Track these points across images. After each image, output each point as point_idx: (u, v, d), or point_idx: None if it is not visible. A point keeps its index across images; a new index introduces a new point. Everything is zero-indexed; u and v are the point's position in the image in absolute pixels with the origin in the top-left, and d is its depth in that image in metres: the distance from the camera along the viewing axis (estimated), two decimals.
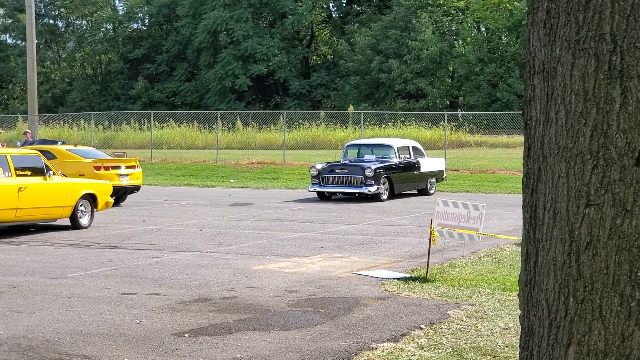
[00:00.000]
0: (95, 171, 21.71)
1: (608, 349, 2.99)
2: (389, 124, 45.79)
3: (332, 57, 74.62)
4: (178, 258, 13.29)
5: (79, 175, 20.55)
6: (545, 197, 3.20)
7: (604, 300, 3.00)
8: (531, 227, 3.28)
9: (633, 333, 2.96)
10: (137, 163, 23.86)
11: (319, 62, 75.86)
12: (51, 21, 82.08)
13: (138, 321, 8.70)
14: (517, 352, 5.82)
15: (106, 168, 22.18)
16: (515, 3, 59.24)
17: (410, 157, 25.89)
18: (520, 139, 39.48)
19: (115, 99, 75.49)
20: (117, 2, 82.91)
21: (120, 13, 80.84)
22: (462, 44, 59.00)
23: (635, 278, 2.96)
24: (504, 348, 7.61)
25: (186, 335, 8.13)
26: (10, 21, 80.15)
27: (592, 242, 3.03)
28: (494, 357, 7.35)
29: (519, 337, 3.94)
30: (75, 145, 25.34)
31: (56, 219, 17.10)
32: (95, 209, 17.67)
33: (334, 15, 78.41)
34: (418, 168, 25.84)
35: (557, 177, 3.13)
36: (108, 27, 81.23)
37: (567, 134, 3.10)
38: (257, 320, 8.80)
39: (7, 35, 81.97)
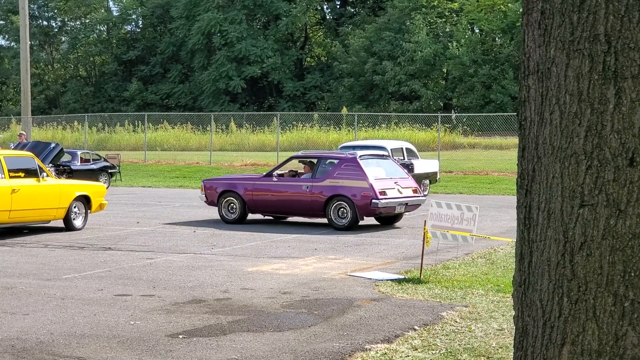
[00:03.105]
0: None
1: (602, 348, 3.00)
2: (383, 125, 45.84)
3: (326, 58, 74.67)
4: (172, 259, 13.28)
5: None
6: (540, 197, 3.20)
7: (598, 301, 3.00)
8: (525, 228, 3.29)
9: (627, 333, 2.97)
10: None
11: (312, 63, 75.89)
12: (45, 23, 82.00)
13: (132, 322, 8.69)
14: (511, 353, 5.82)
15: None
16: (509, 4, 59.35)
17: (404, 159, 25.90)
18: (513, 140, 39.55)
19: (109, 100, 75.42)
20: (110, 3, 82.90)
21: (114, 14, 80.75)
22: (456, 45, 59.08)
23: (629, 278, 2.97)
24: (497, 349, 7.62)
25: (180, 336, 8.12)
26: (3, 23, 79.98)
27: (586, 243, 3.03)
28: (488, 358, 7.36)
29: (512, 338, 3.95)
30: None
31: (50, 221, 17.07)
32: (89, 211, 17.64)
33: (327, 17, 78.48)
34: (412, 170, 25.82)
35: (552, 177, 3.14)
36: (102, 28, 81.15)
37: (562, 134, 3.11)
38: (251, 321, 8.80)
39: (1, 37, 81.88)
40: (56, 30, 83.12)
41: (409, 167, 25.73)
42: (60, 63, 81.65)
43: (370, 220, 18.62)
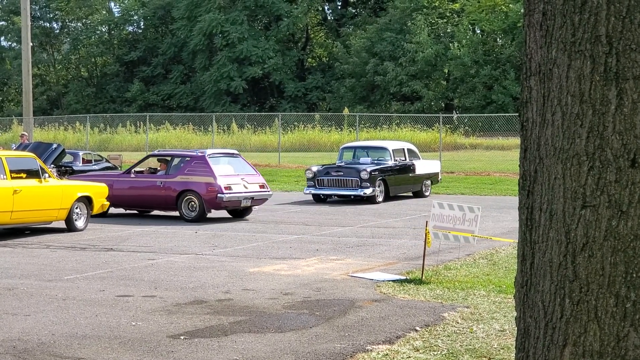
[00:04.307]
0: None
1: (603, 349, 3.00)
2: (384, 126, 45.83)
3: (327, 59, 74.65)
4: (173, 260, 13.28)
5: None
6: (542, 198, 3.21)
7: (600, 302, 3.00)
8: (527, 229, 3.29)
9: (628, 334, 2.97)
10: None
11: (314, 64, 75.89)
12: (46, 24, 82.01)
13: (133, 323, 8.69)
14: (513, 354, 5.82)
15: None
16: (510, 5, 59.31)
17: (405, 160, 25.91)
18: (515, 141, 39.57)
19: (110, 101, 75.44)
20: (112, 4, 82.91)
21: (115, 15, 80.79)
22: (458, 46, 59.06)
23: (631, 279, 2.97)
24: (499, 350, 7.62)
25: (182, 337, 8.12)
26: (5, 24, 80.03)
27: (588, 244, 3.03)
28: (490, 359, 7.36)
29: (514, 339, 3.95)
30: None
31: (51, 222, 17.08)
32: (90, 212, 17.64)
33: (329, 18, 78.47)
34: (413, 170, 25.85)
35: (554, 178, 3.14)
36: (103, 29, 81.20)
37: (564, 135, 3.11)
38: (253, 322, 8.80)
39: (3, 37, 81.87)
40: (58, 31, 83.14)
41: (410, 168, 25.78)
42: (62, 64, 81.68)
43: (368, 221, 18.61)
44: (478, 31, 64.37)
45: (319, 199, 24.62)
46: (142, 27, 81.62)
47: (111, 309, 9.41)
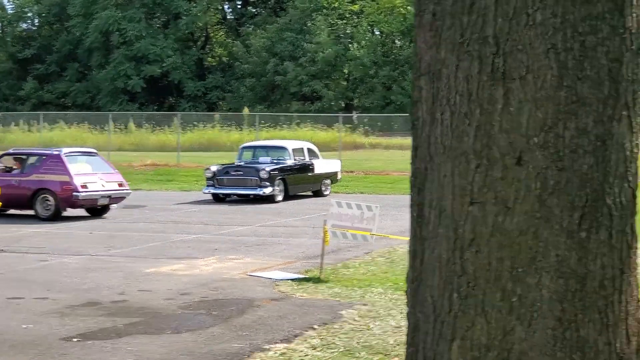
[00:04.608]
0: None
1: (490, 343, 3.07)
2: (284, 126, 45.86)
3: (227, 59, 74.23)
4: (67, 261, 12.99)
5: None
6: (432, 195, 3.26)
7: (487, 296, 3.07)
8: (418, 226, 3.34)
9: (514, 328, 3.04)
10: None
11: (214, 63, 75.35)
12: None
13: (24, 326, 8.46)
14: None
15: None
16: (408, 7, 60.13)
17: (305, 159, 25.99)
18: None
19: (3, 99, 73.23)
20: (5, 1, 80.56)
21: (9, 12, 78.53)
22: (357, 47, 59.59)
23: (517, 274, 3.04)
24: (395, 346, 7.72)
25: (75, 339, 7.95)
26: None
27: (475, 240, 3.09)
28: (385, 355, 7.44)
29: None
30: None
31: None
32: None
33: (228, 17, 78.06)
34: (313, 170, 25.95)
35: (443, 176, 3.19)
36: None
37: (452, 134, 3.17)
38: (148, 323, 8.68)
39: None
40: None
41: (309, 167, 25.86)
42: None
43: (267, 220, 18.58)
44: (377, 32, 65.08)
45: (218, 199, 24.48)
46: (36, 24, 79.56)
47: (1, 312, 9.15)
